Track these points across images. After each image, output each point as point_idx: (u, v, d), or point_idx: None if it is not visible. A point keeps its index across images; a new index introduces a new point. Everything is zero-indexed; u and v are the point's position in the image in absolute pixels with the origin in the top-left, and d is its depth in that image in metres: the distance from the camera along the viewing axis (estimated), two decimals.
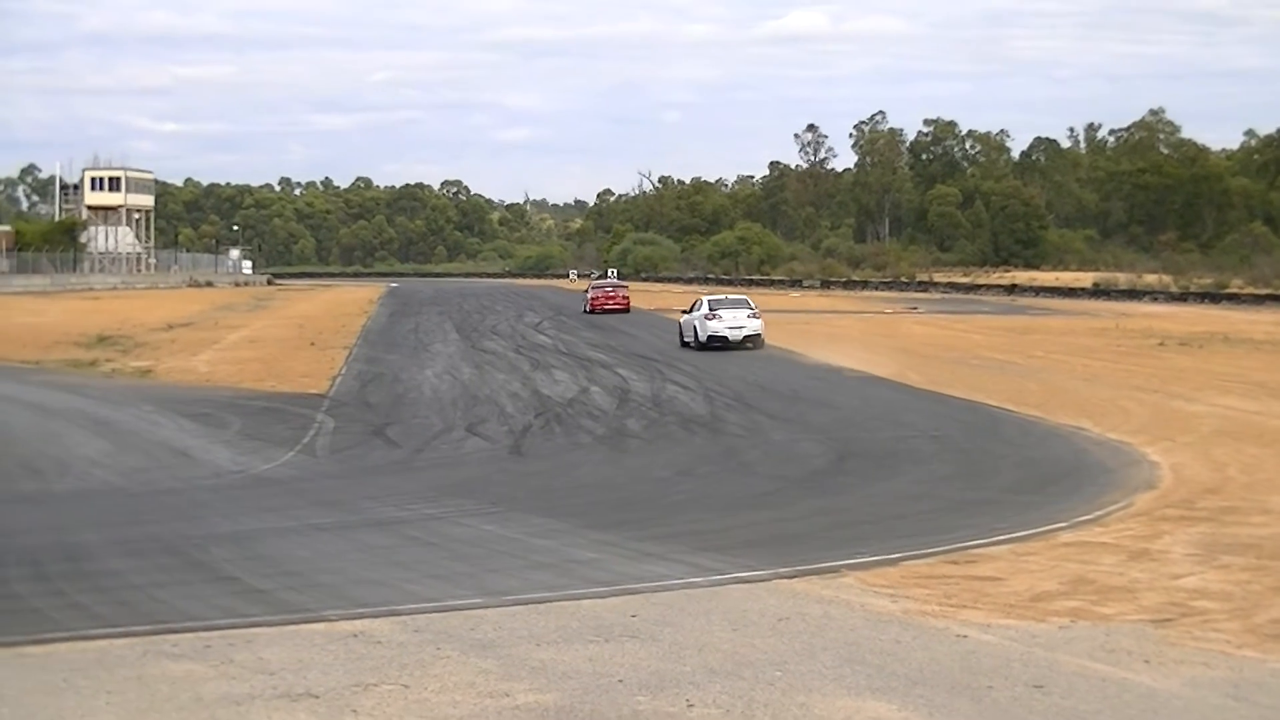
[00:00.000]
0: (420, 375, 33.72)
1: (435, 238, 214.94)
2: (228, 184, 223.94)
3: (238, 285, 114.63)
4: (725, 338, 39.68)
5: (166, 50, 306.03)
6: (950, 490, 17.67)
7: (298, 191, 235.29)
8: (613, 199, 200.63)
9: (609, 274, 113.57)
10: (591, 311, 58.48)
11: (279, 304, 73.48)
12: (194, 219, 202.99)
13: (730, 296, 45.64)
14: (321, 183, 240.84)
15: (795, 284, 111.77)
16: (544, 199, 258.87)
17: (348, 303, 72.90)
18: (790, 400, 28.02)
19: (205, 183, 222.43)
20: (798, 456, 20.89)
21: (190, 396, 29.68)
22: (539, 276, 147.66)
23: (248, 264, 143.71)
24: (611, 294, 61.43)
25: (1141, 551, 13.42)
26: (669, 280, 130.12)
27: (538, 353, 38.92)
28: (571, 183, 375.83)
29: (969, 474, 19.03)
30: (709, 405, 27.07)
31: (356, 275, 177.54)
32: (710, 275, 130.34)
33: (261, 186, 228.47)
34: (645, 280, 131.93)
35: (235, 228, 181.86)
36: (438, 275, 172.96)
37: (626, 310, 59.81)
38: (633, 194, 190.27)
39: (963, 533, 14.39)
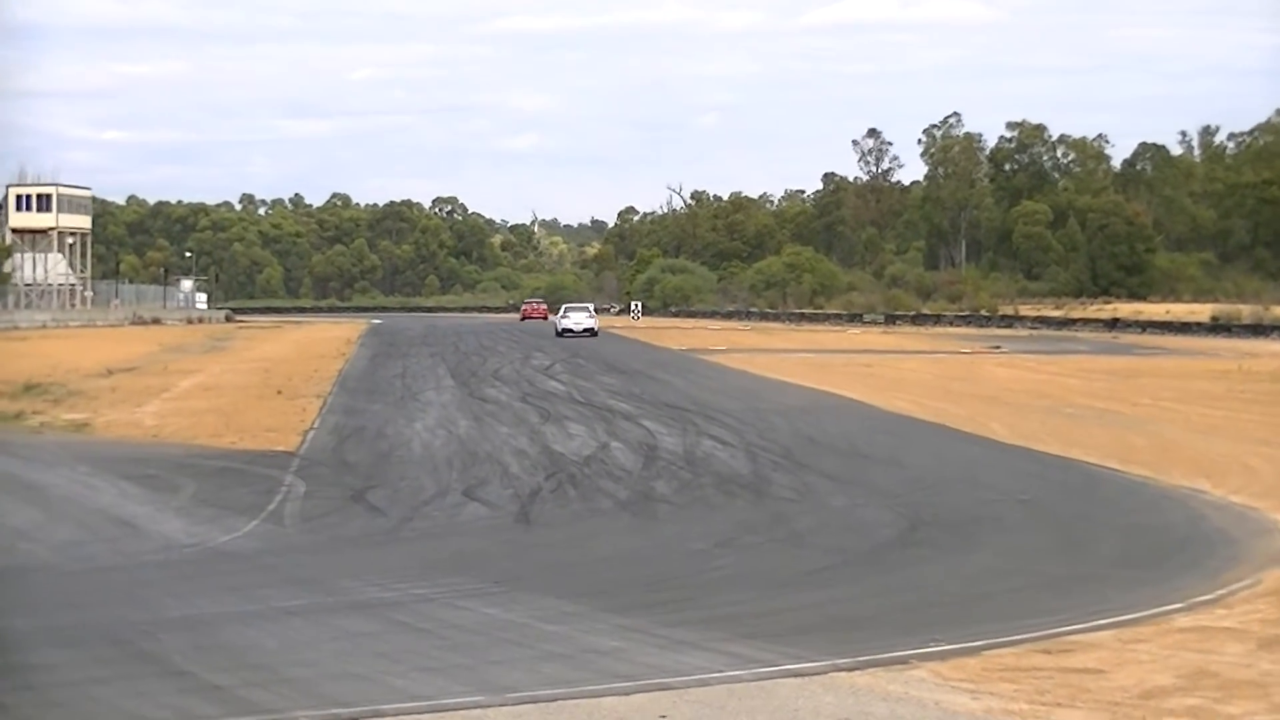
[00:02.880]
0: (409, 429, 33.53)
1: (426, 265, 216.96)
2: (179, 202, 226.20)
3: (191, 323, 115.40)
4: (571, 329, 79.05)
5: (107, 44, 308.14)
6: (1042, 565, 17.59)
7: (263, 211, 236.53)
8: (636, 219, 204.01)
9: (633, 308, 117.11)
10: (524, 320, 76.06)
11: (240, 345, 73.78)
12: (139, 244, 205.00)
13: (577, 305, 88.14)
14: (291, 200, 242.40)
15: (854, 319, 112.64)
16: (555, 219, 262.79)
17: (322, 343, 73.10)
18: (849, 457, 28.03)
19: (152, 201, 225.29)
20: (859, 525, 20.92)
21: (134, 455, 29.53)
22: (552, 312, 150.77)
23: (203, 297, 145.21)
24: (537, 307, 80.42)
25: (1273, 639, 13.27)
26: (704, 315, 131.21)
27: (549, 402, 38.86)
28: (588, 200, 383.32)
29: (1064, 545, 18.93)
30: (752, 463, 26.94)
31: (332, 310, 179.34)
32: (753, 310, 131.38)
33: (219, 205, 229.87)
34: (676, 315, 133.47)
35: (188, 254, 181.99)
36: (429, 310, 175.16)
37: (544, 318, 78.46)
38: (660, 213, 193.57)
39: (1058, 616, 14.33)
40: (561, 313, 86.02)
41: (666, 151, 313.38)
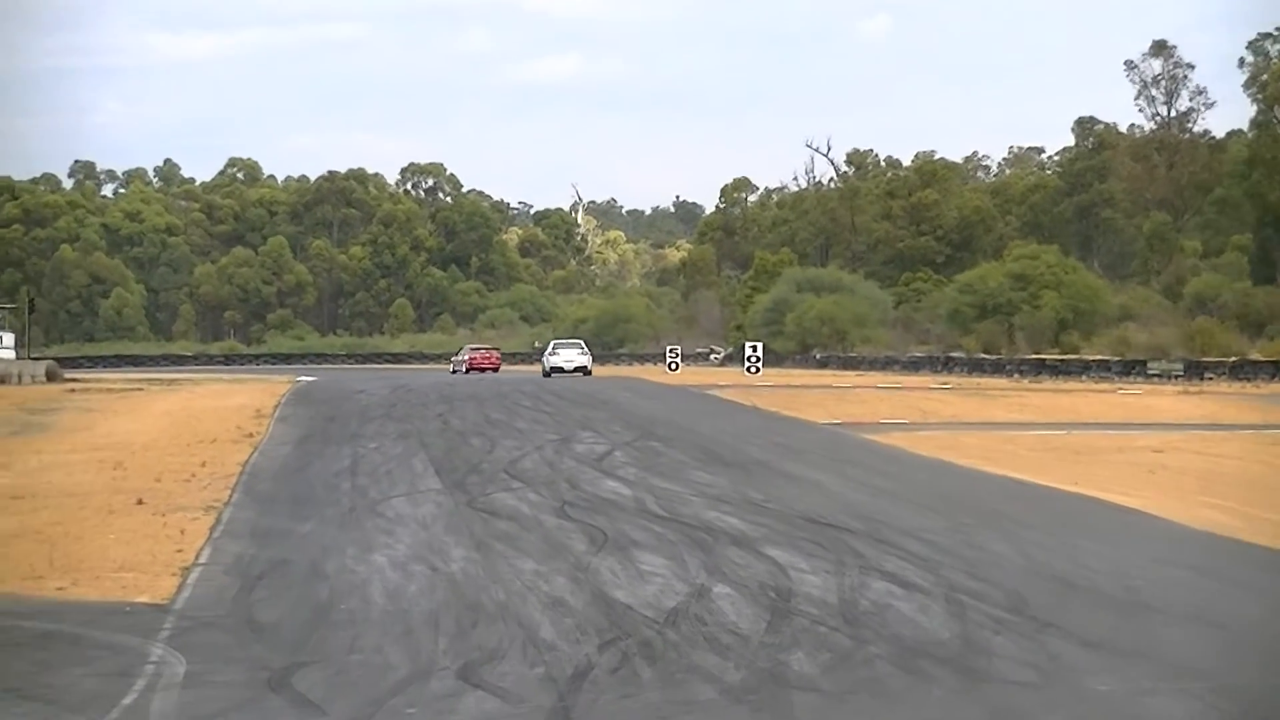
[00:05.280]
0: (364, 564, 25.16)
1: (390, 281, 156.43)
2: None
3: None
4: (561, 368, 79.79)
5: None
6: None
7: (110, 191, 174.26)
8: (753, 199, 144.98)
9: (751, 355, 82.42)
10: (469, 372, 68.52)
11: (74, 420, 56.04)
12: None
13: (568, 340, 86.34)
14: (158, 172, 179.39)
15: (1132, 369, 77.86)
16: (612, 200, 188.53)
17: (214, 416, 55.69)
18: (1124, 610, 20.69)
19: None
20: None
21: None
22: (606, 359, 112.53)
23: (8, 340, 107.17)
24: (487, 355, 77.72)
25: None
26: (871, 364, 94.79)
27: (605, 516, 29.73)
28: (668, 169, 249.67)
29: None
30: (958, 620, 19.87)
31: (231, 360, 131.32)
32: (955, 354, 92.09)
33: (36, 181, 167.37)
34: (823, 364, 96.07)
35: None
36: (396, 359, 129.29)
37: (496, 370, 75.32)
38: (794, 189, 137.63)
39: None
40: (550, 349, 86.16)
41: (802, 85, 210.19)
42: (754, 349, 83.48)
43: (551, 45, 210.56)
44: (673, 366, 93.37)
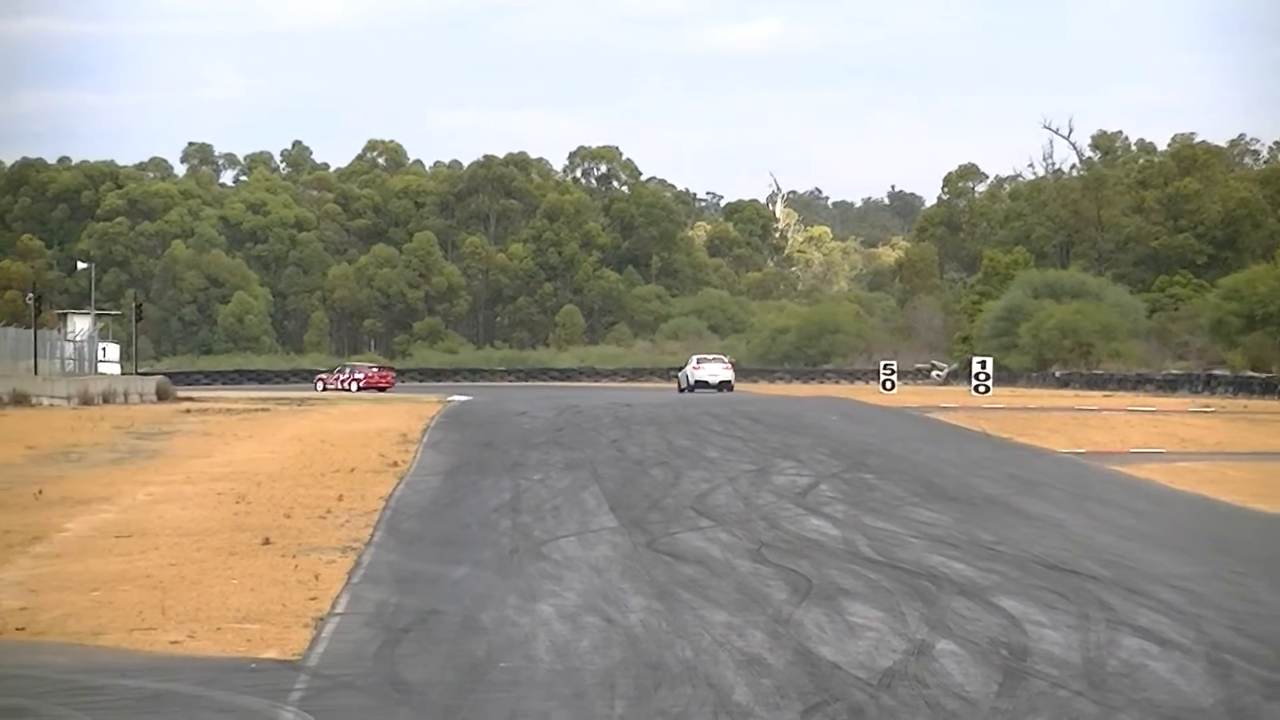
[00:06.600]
0: (528, 614, 23.25)
1: (557, 285, 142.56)
2: (61, 161, 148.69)
3: (88, 402, 73.19)
4: (706, 382, 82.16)
5: None
6: None
7: (229, 178, 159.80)
8: (979, 189, 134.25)
9: (979, 372, 77.63)
10: (365, 388, 69.29)
11: (188, 445, 52.53)
12: None
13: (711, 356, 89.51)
14: (284, 156, 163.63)
15: None
16: (815, 191, 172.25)
17: (351, 441, 52.86)
18: None
19: (7, 160, 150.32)
20: None
21: None
22: (809, 375, 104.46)
23: (113, 351, 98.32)
24: (381, 375, 78.55)
25: None
26: (1119, 382, 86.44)
27: (808, 559, 27.82)
28: (880, 154, 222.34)
29: None
30: (1222, 684, 18.25)
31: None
32: (1218, 371, 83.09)
33: (143, 167, 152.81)
34: (1063, 382, 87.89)
35: (81, 264, 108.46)
36: (564, 375, 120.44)
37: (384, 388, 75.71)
38: (1029, 177, 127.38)
39: None
40: (693, 363, 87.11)
41: (1039, 55, 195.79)
42: (982, 365, 78.13)
43: (746, 7, 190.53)
44: (887, 385, 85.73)
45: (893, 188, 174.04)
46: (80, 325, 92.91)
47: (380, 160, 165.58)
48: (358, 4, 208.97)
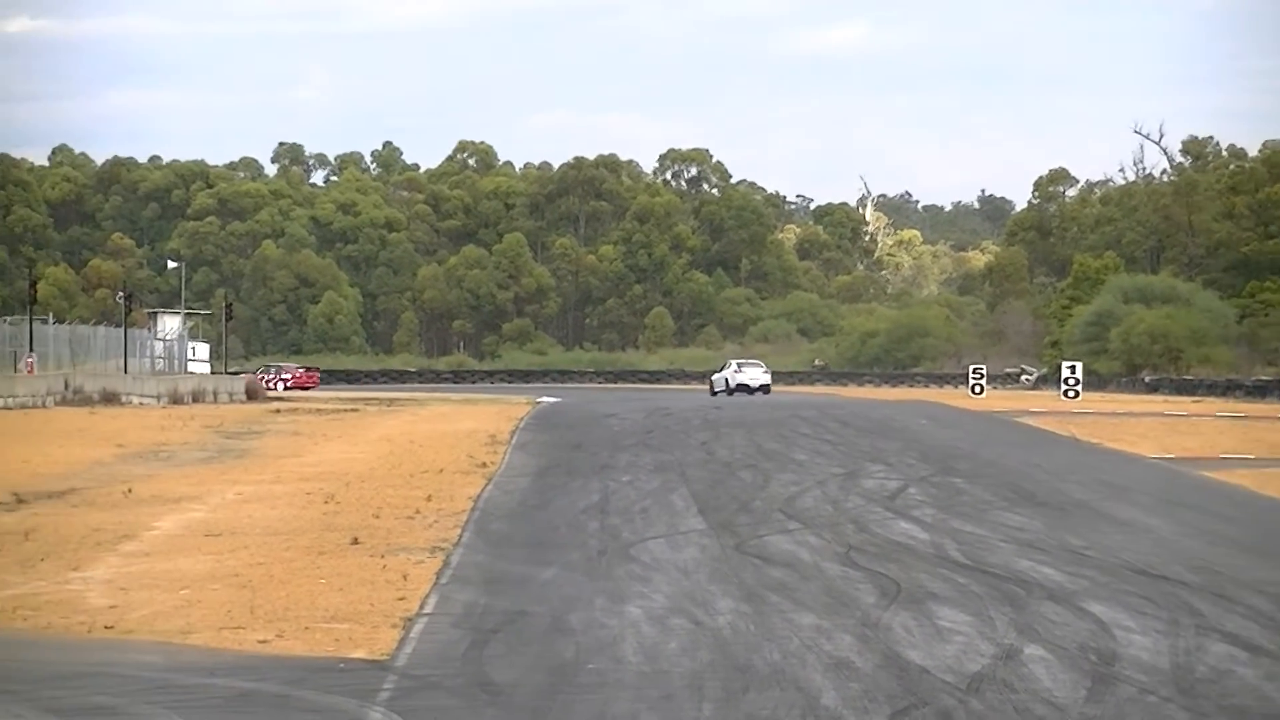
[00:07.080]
0: (616, 615, 23.19)
1: (647, 286, 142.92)
2: (152, 160, 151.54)
3: (178, 401, 72.67)
4: (746, 385, 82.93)
5: None
6: None
7: (320, 179, 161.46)
8: (1070, 194, 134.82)
9: (1069, 376, 77.90)
10: (291, 388, 71.10)
11: (277, 445, 52.92)
12: (70, 243, 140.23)
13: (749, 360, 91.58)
14: (375, 156, 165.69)
15: None
16: (905, 194, 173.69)
17: (440, 442, 52.71)
18: None
19: (99, 158, 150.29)
20: None
21: (71, 666, 19.59)
22: (898, 379, 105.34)
23: (203, 350, 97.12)
24: (307, 375, 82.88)
25: None
26: (1209, 387, 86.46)
27: (897, 563, 27.69)
28: (970, 158, 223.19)
29: None
30: None
31: (461, 377, 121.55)
32: None
33: (233, 166, 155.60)
34: (1153, 389, 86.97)
35: (171, 264, 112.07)
36: (652, 377, 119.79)
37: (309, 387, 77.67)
38: (1119, 182, 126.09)
39: None
40: (733, 367, 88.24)
41: (1130, 58, 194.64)
42: (1072, 370, 78.13)
43: (837, 9, 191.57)
44: (976, 389, 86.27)
45: (982, 192, 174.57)
46: (170, 324, 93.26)
47: (471, 161, 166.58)
48: (449, 5, 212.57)
